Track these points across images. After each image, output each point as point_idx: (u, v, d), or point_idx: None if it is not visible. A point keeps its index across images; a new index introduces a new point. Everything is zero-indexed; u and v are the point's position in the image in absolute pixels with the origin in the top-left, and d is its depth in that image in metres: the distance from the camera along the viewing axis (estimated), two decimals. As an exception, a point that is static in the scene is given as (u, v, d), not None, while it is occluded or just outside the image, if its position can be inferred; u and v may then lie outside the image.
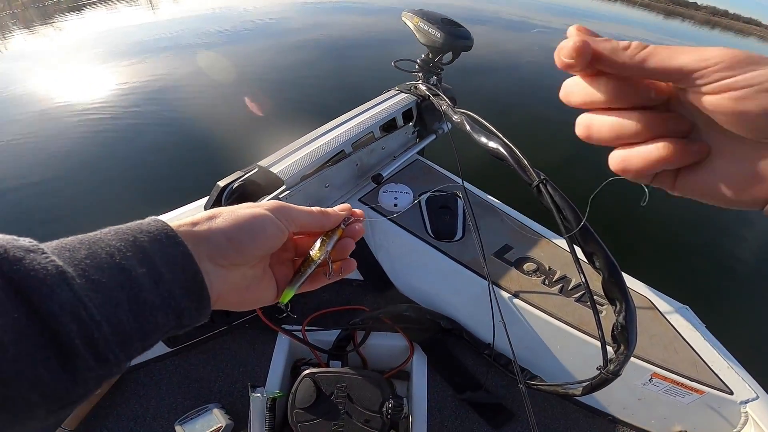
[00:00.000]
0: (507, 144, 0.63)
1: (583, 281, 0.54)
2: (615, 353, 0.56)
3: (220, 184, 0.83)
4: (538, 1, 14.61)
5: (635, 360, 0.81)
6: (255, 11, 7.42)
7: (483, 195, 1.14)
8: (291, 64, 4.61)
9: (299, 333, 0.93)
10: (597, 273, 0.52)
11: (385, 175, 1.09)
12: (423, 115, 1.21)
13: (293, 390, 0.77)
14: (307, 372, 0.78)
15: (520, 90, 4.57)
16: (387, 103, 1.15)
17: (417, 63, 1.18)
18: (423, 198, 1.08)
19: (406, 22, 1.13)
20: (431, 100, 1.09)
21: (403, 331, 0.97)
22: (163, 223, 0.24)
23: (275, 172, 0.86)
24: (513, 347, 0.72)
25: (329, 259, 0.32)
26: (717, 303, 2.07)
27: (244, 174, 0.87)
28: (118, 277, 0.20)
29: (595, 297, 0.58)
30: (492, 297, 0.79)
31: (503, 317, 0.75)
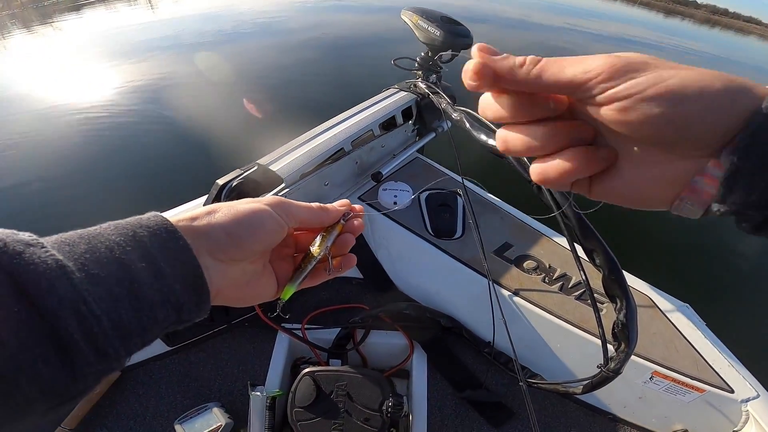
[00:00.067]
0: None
1: (584, 279, 0.54)
2: (615, 351, 0.55)
3: (219, 182, 0.83)
4: (538, 1, 14.60)
5: (636, 358, 0.81)
6: (255, 11, 7.41)
7: (483, 193, 1.14)
8: (291, 62, 4.60)
9: (299, 331, 0.93)
10: (597, 270, 0.52)
11: (385, 173, 1.09)
12: (422, 113, 1.21)
13: (293, 388, 0.77)
14: (307, 370, 0.78)
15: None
16: (386, 101, 1.15)
17: (416, 61, 1.18)
18: (423, 194, 1.07)
19: (405, 20, 1.13)
20: (431, 98, 1.09)
21: (403, 330, 0.97)
22: (163, 218, 0.24)
23: (275, 170, 0.86)
24: (513, 345, 0.72)
25: (329, 255, 0.32)
26: (718, 301, 2.07)
27: (243, 172, 0.87)
28: (117, 272, 0.20)
29: (596, 295, 0.58)
30: (492, 295, 0.78)
31: (503, 315, 0.75)
